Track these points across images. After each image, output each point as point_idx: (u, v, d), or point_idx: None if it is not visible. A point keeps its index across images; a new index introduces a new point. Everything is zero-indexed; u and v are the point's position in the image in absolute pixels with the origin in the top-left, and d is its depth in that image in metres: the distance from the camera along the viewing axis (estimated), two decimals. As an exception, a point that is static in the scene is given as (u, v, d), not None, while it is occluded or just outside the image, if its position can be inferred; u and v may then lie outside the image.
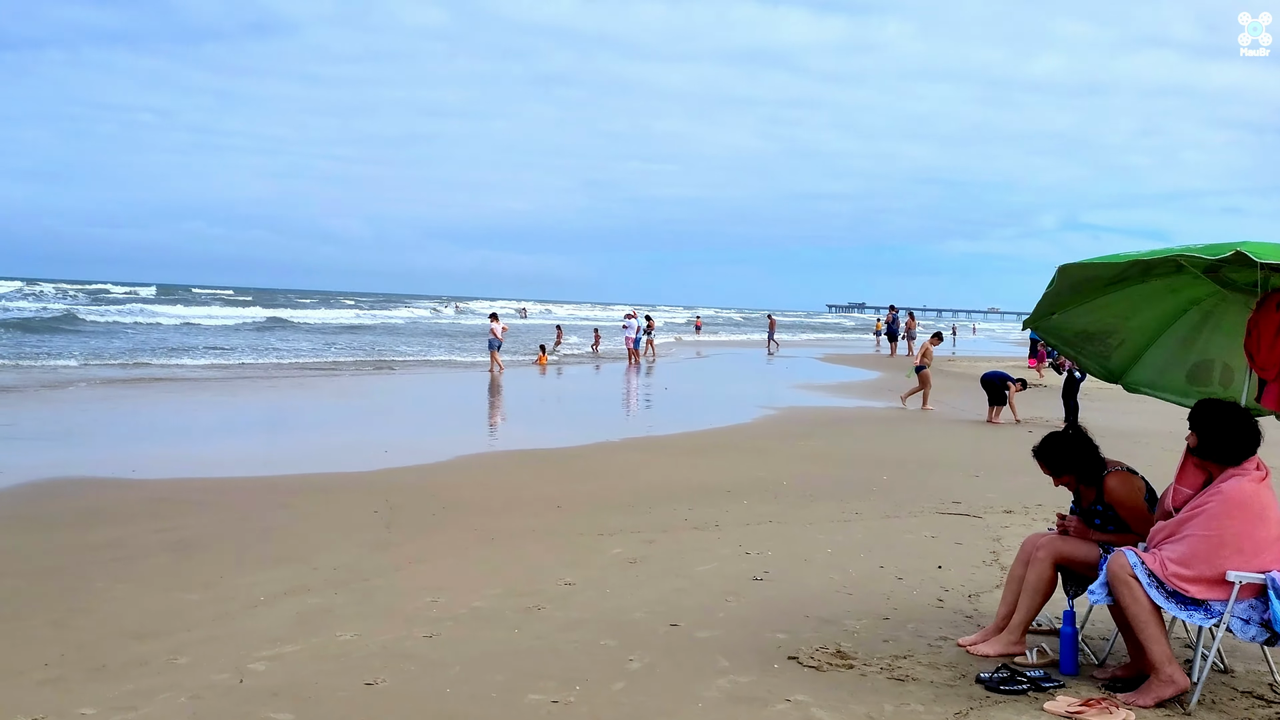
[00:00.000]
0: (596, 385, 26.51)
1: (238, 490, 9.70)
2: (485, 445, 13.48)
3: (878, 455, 13.02)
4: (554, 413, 18.95)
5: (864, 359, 39.12)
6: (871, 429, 16.12)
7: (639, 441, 13.98)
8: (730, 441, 14.14)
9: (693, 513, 8.98)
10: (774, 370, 32.88)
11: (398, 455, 12.17)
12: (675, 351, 43.08)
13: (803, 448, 13.62)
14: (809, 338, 68.49)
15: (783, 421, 17.14)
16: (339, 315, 66.44)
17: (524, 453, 12.74)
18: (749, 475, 11.14)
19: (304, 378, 24.20)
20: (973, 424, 17.33)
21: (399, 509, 8.92)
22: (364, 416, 17.07)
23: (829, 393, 23.98)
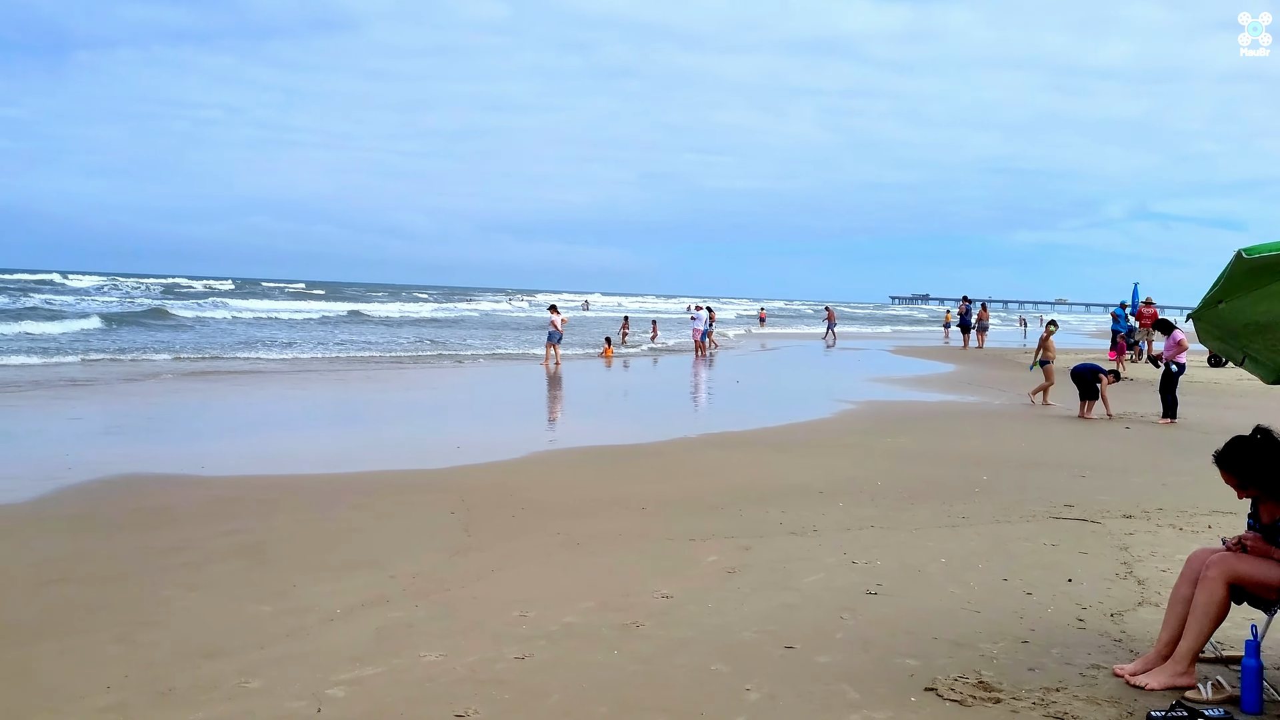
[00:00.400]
0: (665, 378, 25.98)
1: (310, 489, 9.33)
2: (559, 441, 13.03)
3: (971, 453, 12.31)
4: (625, 407, 18.47)
5: (936, 351, 38.08)
6: (958, 425, 15.36)
7: (718, 438, 13.41)
8: (813, 438, 13.51)
9: (787, 516, 8.40)
10: (845, 363, 32.07)
11: (471, 452, 11.76)
12: (743, 344, 42.40)
13: (891, 445, 12.94)
14: (875, 330, 67.38)
15: (864, 417, 16.44)
16: (415, 309, 66.69)
17: (600, 449, 12.25)
18: (840, 474, 10.53)
19: (382, 370, 24.01)
20: (1063, 419, 16.47)
21: (476, 510, 8.47)
22: (435, 411, 16.74)
23: (906, 386, 23.17)
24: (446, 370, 25.32)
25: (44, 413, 15.07)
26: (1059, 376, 19.99)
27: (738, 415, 16.65)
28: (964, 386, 22.60)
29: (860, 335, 56.67)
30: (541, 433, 14.13)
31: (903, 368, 29.84)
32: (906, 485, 9.97)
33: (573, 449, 12.28)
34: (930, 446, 12.87)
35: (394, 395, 19.26)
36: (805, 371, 28.53)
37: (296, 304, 61.71)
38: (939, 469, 11.06)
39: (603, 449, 12.27)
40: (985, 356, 34.93)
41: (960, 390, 21.74)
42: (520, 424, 15.38)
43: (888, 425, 15.13)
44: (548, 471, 10.66)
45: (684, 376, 26.21)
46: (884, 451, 12.31)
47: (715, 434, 13.84)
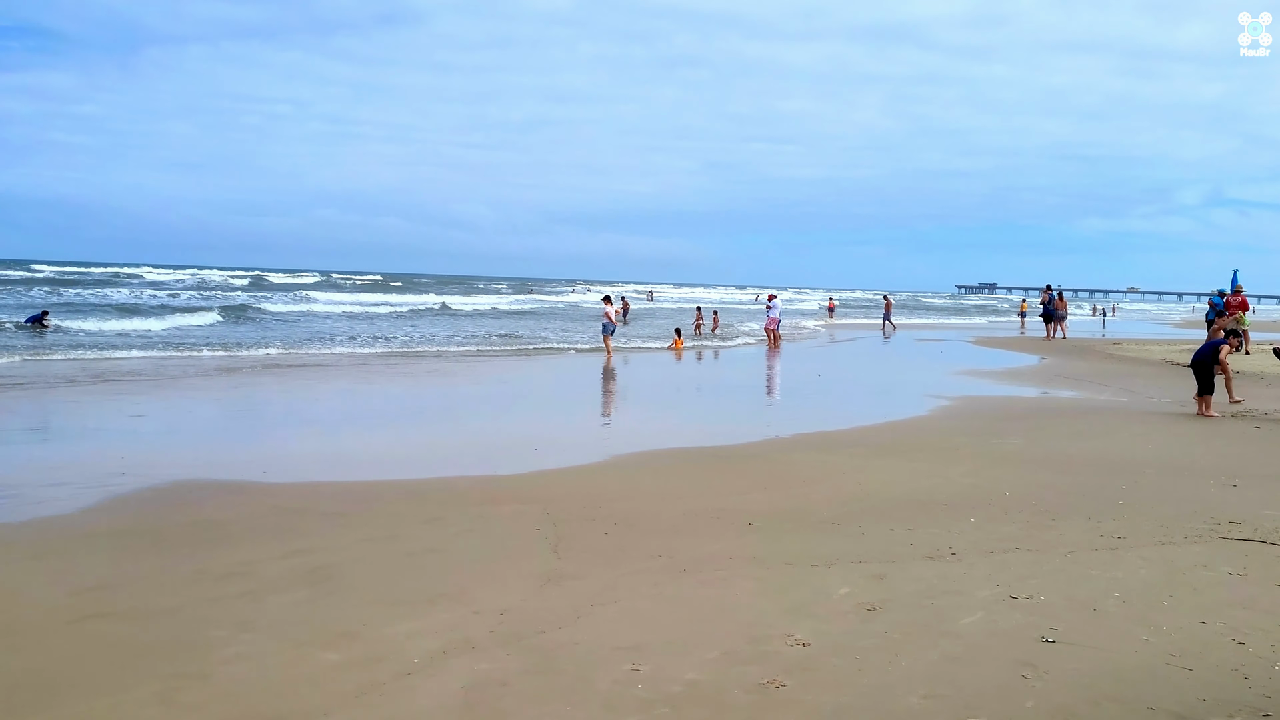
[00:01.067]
0: (740, 371, 24.93)
1: (380, 499, 8.51)
2: (641, 442, 12.11)
3: (1096, 457, 11.14)
4: (705, 403, 17.49)
5: (1017, 342, 36.49)
6: (1069, 424, 14.13)
7: (814, 439, 12.39)
8: (916, 439, 12.42)
9: (915, 535, 7.38)
10: (927, 355, 30.72)
11: (549, 454, 10.90)
12: (818, 334, 41.15)
13: (1003, 447, 11.80)
14: (944, 320, 65.67)
15: (964, 414, 15.28)
16: (495, 300, 66.45)
17: (687, 452, 11.31)
18: (959, 483, 9.46)
19: (473, 363, 23.34)
20: (1180, 418, 15.12)
21: (563, 524, 7.58)
22: (508, 407, 15.92)
23: (999, 380, 21.86)
24: (524, 362, 24.58)
25: (123, 408, 14.55)
26: (1147, 368, 18.49)
27: (828, 412, 15.59)
28: (1060, 380, 21.24)
29: (935, 326, 55.14)
30: (620, 432, 13.22)
31: (988, 360, 28.45)
32: (1038, 496, 8.88)
33: (658, 451, 11.35)
34: (1048, 449, 11.72)
35: (471, 389, 18.52)
36: (887, 364, 27.30)
37: (378, 297, 61.51)
38: (1067, 476, 9.93)
39: (690, 451, 11.32)
40: (1070, 348, 33.32)
41: (1057, 384, 20.40)
42: (597, 422, 14.51)
43: (992, 424, 13.97)
44: (635, 478, 9.73)
45: (760, 370, 25.15)
46: (999, 455, 11.19)
47: (809, 434, 12.81)
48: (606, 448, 11.48)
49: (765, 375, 23.39)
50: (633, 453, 11.23)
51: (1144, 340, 38.69)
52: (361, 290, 74.66)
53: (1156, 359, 28.45)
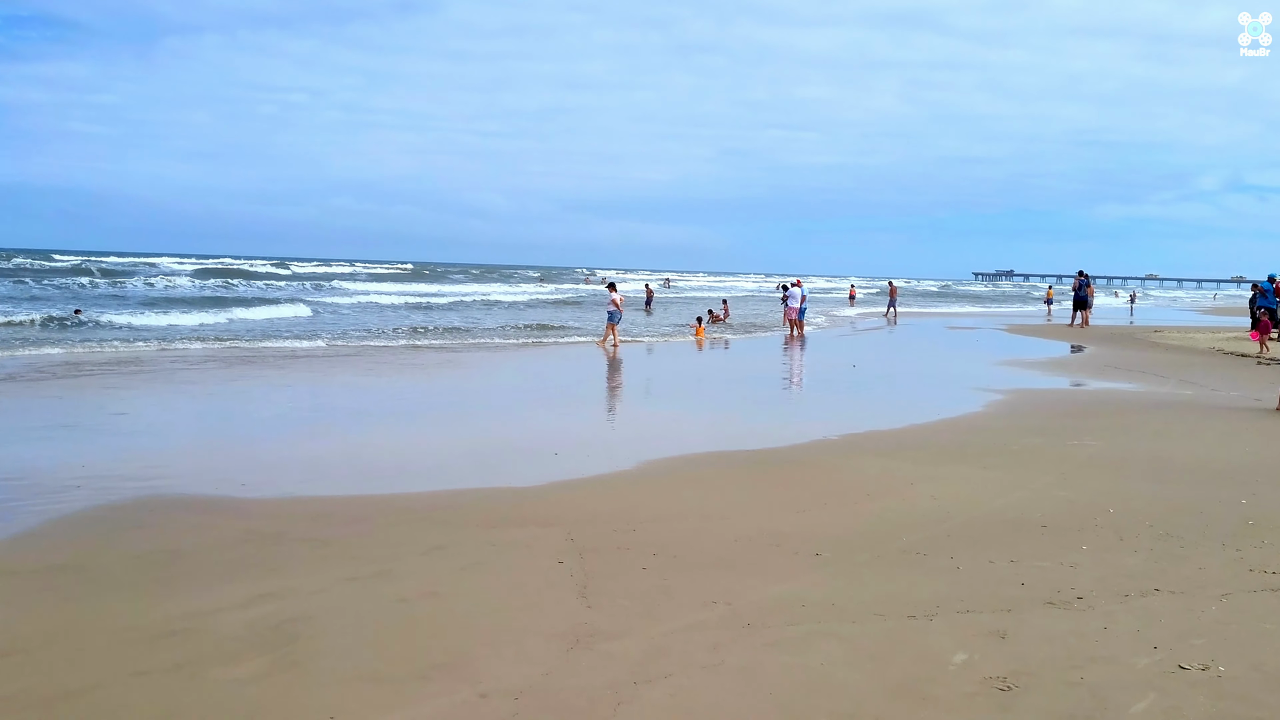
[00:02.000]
0: (768, 363, 23.54)
1: (373, 519, 7.19)
2: (672, 444, 10.78)
3: (1193, 463, 9.75)
4: (735, 398, 16.11)
5: (1054, 330, 34.98)
6: (1143, 421, 12.71)
7: (866, 440, 11.02)
8: (982, 441, 11.03)
9: (1023, 569, 6.02)
10: (963, 344, 29.26)
11: (571, 460, 9.59)
12: (841, 323, 39.69)
13: (1082, 451, 10.41)
14: (962, 309, 64.20)
15: (1023, 411, 13.88)
16: (534, 290, 64.91)
17: (725, 456, 9.97)
18: (1050, 496, 8.09)
19: (491, 353, 22.03)
20: (1259, 413, 13.66)
21: (591, 555, 6.25)
22: (528, 402, 14.58)
23: (1046, 371, 20.42)
24: (541, 353, 23.25)
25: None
26: (1196, 356, 17.01)
27: (872, 408, 14.20)
28: (1111, 371, 19.79)
29: (962, 314, 53.68)
30: (649, 433, 11.85)
31: (1027, 349, 26.99)
32: (1149, 514, 7.50)
33: (693, 455, 10.01)
34: (1132, 452, 10.33)
35: (492, 381, 17.21)
36: (922, 354, 25.84)
37: (421, 286, 60.04)
38: (1170, 487, 8.55)
39: (730, 456, 9.97)
40: (1111, 336, 31.82)
41: (1110, 375, 18.95)
42: (621, 420, 13.17)
43: (1058, 421, 12.57)
44: (672, 490, 8.38)
45: (787, 361, 23.76)
46: (1082, 461, 9.80)
47: (861, 434, 11.44)
48: (635, 452, 10.15)
49: (795, 367, 21.99)
50: (665, 458, 9.88)
51: (1184, 328, 37.11)
52: (405, 279, 73.25)
53: (1205, 348, 26.96)
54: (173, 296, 39.93)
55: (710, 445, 10.63)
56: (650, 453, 10.11)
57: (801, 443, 10.82)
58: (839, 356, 24.14)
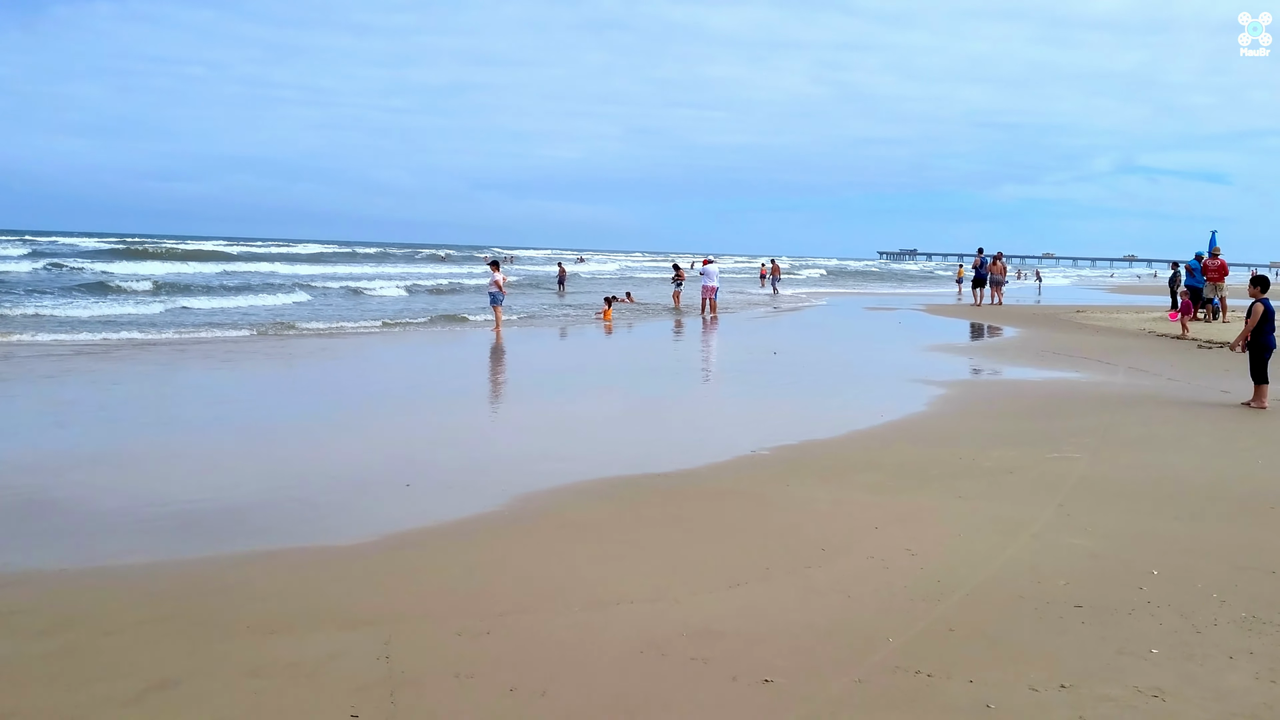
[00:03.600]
0: (683, 349, 21.36)
1: (41, 607, 4.70)
2: (554, 466, 8.43)
3: (1205, 482, 7.85)
4: (642, 396, 13.79)
5: (971, 311, 33.53)
6: (1116, 421, 10.81)
7: (802, 456, 8.83)
8: (944, 455, 8.93)
9: (1083, 705, 3.87)
10: (885, 328, 27.50)
11: (421, 496, 7.22)
12: (757, 303, 37.76)
13: (1068, 468, 8.40)
14: (888, 290, 63.31)
15: (975, 408, 11.91)
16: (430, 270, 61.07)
17: (628, 485, 7.67)
18: (1061, 547, 6.00)
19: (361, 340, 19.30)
20: (1237, 411, 11.91)
21: (410, 695, 3.90)
22: (388, 406, 12.03)
23: (982, 357, 18.65)
24: (424, 341, 20.62)
25: None
26: (1132, 340, 15.27)
27: (806, 410, 12.05)
28: (1054, 358, 18.08)
29: (872, 294, 52.49)
30: (532, 450, 9.43)
31: (952, 331, 25.36)
32: (1202, 575, 5.46)
33: (586, 485, 7.69)
34: (1128, 467, 8.37)
35: (340, 377, 14.60)
36: (846, 338, 23.95)
37: (300, 268, 55.72)
38: (1204, 525, 6.57)
39: (634, 484, 7.68)
40: (1031, 316, 30.52)
41: (1053, 362, 17.21)
42: (501, 433, 10.73)
43: (1022, 425, 10.62)
44: (550, 548, 6.03)
45: (704, 347, 21.60)
46: (1075, 483, 7.77)
47: (797, 447, 9.25)
48: (509, 481, 7.78)
49: (712, 355, 19.82)
50: (549, 489, 7.52)
51: (1105, 308, 36.13)
52: (302, 260, 68.28)
53: (1135, 329, 25.69)
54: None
55: (609, 468, 8.32)
56: (529, 482, 7.75)
57: (727, 461, 8.59)
58: (758, 341, 22.07)
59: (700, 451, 9.05)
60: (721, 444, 9.43)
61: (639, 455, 8.92)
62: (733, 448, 9.17)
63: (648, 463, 8.51)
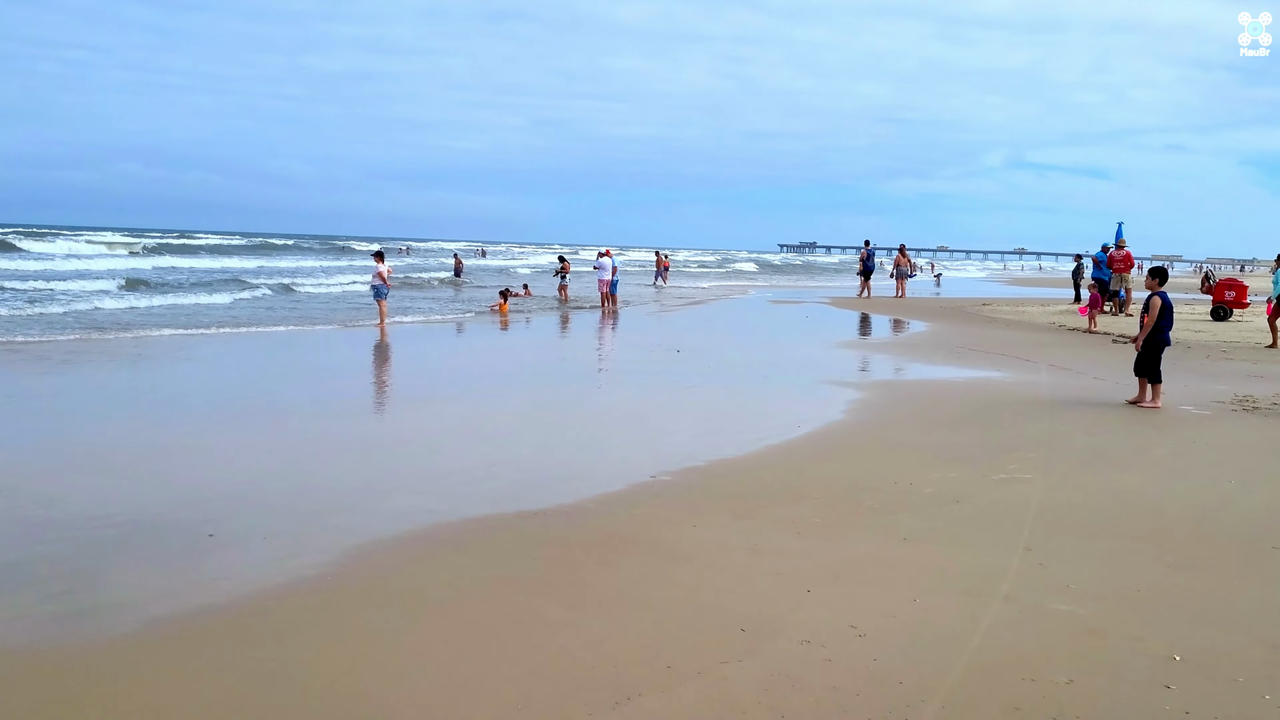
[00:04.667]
0: (578, 348, 19.81)
1: None
2: (406, 505, 6.83)
3: (1185, 511, 6.69)
4: (527, 406, 12.16)
5: (878, 304, 32.72)
6: (1054, 430, 9.69)
7: (710, 481, 7.37)
8: (875, 477, 7.58)
9: None
10: (793, 322, 26.36)
11: (223, 550, 5.51)
12: (656, 297, 36.38)
13: (1021, 494, 7.13)
14: (790, 283, 62.70)
15: (899, 416, 10.65)
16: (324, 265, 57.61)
17: (489, 527, 6.10)
18: (1042, 613, 4.67)
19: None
20: (1185, 419, 10.93)
21: None
22: (226, 421, 10.19)
23: (896, 354, 17.53)
24: (294, 340, 18.62)
25: None
26: (1048, 335, 14.21)
27: (713, 419, 10.62)
28: (969, 354, 17.07)
29: (774, 287, 51.74)
30: (381, 477, 7.70)
31: (861, 327, 24.35)
32: (1230, 655, 4.16)
33: (434, 530, 6.09)
34: (1088, 490, 7.15)
35: (187, 382, 12.64)
36: (753, 334, 22.65)
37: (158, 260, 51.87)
38: (1206, 576, 5.32)
39: (496, 526, 6.11)
40: (937, 309, 29.84)
41: (972, 360, 16.17)
42: (352, 452, 8.97)
43: (956, 436, 9.39)
44: (366, 637, 4.44)
45: (599, 344, 20.08)
46: (1034, 514, 6.49)
47: (703, 469, 7.79)
48: (341, 524, 6.14)
49: (611, 354, 18.31)
50: (386, 537, 5.89)
51: (1009, 300, 35.73)
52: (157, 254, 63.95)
53: (1044, 323, 25.07)
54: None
55: (477, 504, 6.73)
56: (371, 527, 6.11)
57: (621, 491, 7.08)
58: (659, 338, 20.64)
59: (590, 478, 7.52)
60: (616, 467, 7.92)
61: (516, 485, 7.34)
62: (629, 472, 7.67)
63: (526, 494, 6.95)
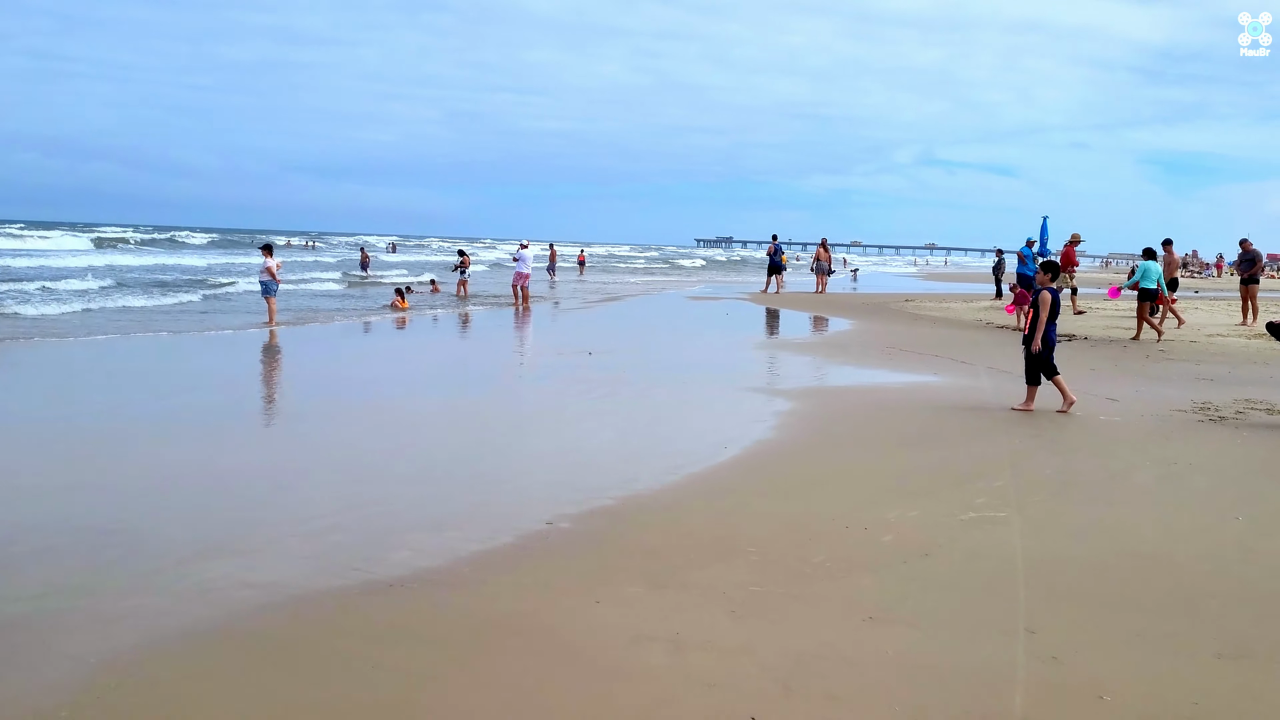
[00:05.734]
0: (481, 350, 18.22)
1: None
2: (227, 573, 5.25)
3: (1205, 571, 5.44)
4: (412, 424, 10.60)
5: (799, 300, 31.67)
6: (1018, 448, 8.50)
7: (613, 527, 5.93)
8: (815, 513, 6.23)
9: None
10: (712, 321, 25.05)
11: None
12: (575, 292, 34.82)
13: (997, 540, 5.85)
14: (708, 278, 61.78)
15: (836, 431, 9.37)
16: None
17: (327, 607, 4.58)
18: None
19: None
20: (1137, 425, 9.85)
21: None
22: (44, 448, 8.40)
23: (824, 355, 16.30)
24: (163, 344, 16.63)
25: None
26: (984, 335, 13.16)
27: (628, 438, 9.17)
28: (899, 355, 15.96)
29: (692, 283, 50.67)
30: (181, 534, 6.03)
31: (785, 325, 23.20)
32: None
33: (248, 610, 4.54)
34: (1080, 533, 5.92)
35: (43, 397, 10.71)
36: (672, 334, 21.23)
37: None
38: (1272, 664, 4.04)
39: (332, 602, 4.59)
40: (860, 306, 28.93)
41: (903, 362, 15.02)
42: (149, 495, 7.24)
43: (902, 458, 8.14)
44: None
45: (508, 343, 18.52)
46: (1030, 572, 5.19)
47: (615, 507, 6.34)
48: (99, 612, 4.54)
49: (516, 357, 16.75)
50: (154, 643, 4.32)
51: (932, 296, 35.05)
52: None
53: (970, 320, 24.25)
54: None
55: (301, 568, 5.16)
56: (149, 617, 4.51)
57: (508, 544, 5.58)
58: (571, 338, 19.12)
59: (471, 526, 6.01)
60: (505, 509, 6.43)
61: (372, 537, 5.78)
62: (521, 516, 6.18)
63: (382, 554, 5.40)
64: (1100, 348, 17.57)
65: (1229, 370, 14.41)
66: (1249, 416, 10.36)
